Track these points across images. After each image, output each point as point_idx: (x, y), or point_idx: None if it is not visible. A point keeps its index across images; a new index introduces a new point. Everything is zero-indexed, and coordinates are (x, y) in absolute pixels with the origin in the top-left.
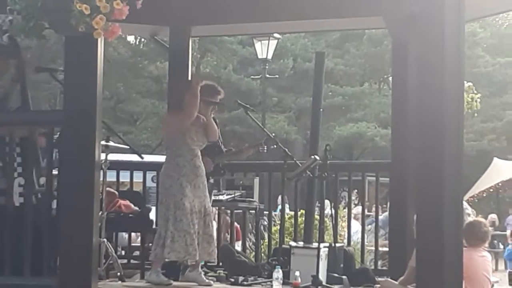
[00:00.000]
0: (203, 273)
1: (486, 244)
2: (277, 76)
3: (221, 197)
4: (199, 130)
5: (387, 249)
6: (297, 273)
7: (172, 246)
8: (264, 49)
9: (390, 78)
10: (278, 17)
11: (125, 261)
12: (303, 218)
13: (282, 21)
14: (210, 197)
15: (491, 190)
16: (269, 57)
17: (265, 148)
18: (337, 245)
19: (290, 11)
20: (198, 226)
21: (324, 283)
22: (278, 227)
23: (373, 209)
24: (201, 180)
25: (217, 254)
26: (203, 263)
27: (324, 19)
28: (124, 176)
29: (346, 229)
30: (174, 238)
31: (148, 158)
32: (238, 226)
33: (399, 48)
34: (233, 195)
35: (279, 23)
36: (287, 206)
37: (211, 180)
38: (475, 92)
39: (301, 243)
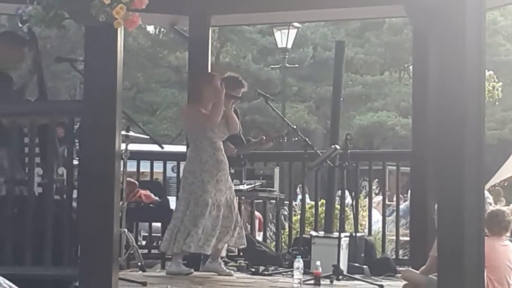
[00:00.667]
0: (223, 263)
1: (508, 233)
2: (297, 65)
3: (241, 187)
4: (221, 122)
5: (408, 238)
6: (318, 263)
7: (187, 242)
8: (284, 38)
9: (411, 67)
10: (298, 6)
11: (145, 251)
12: (324, 208)
13: (301, 10)
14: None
15: None
16: (289, 46)
17: (286, 139)
18: (358, 234)
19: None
20: (219, 220)
21: (345, 272)
22: (299, 216)
23: (394, 198)
24: (223, 173)
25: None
26: (224, 254)
27: (344, 8)
28: (145, 166)
29: (367, 219)
30: (190, 233)
31: (168, 148)
32: (261, 216)
33: (419, 36)
34: (253, 185)
35: (298, 12)
36: (307, 196)
37: (232, 170)
38: (496, 80)
39: (321, 233)
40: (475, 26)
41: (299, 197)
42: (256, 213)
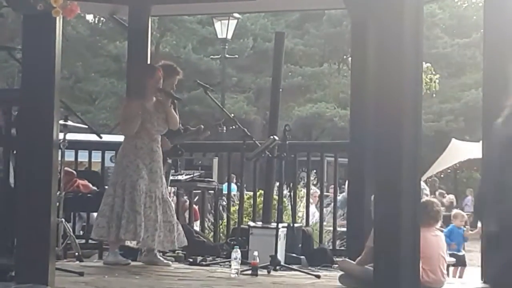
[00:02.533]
0: (159, 254)
1: (438, 225)
2: (236, 56)
3: (179, 177)
4: (160, 116)
5: (345, 229)
6: (256, 253)
7: (127, 227)
8: (224, 28)
9: (350, 59)
10: None
11: (83, 241)
12: (262, 198)
13: (242, 1)
14: (168, 178)
15: (449, 170)
16: (229, 37)
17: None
18: (296, 225)
19: None
20: (156, 213)
21: (282, 263)
22: (237, 207)
23: (332, 189)
24: (157, 165)
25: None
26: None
27: None
28: (83, 156)
29: (304, 209)
30: (130, 219)
31: (106, 138)
32: (196, 206)
33: (358, 28)
34: (192, 175)
35: (239, 2)
36: (235, 185)
37: (169, 161)
38: (434, 73)
39: (259, 223)
40: (413, 18)
41: (233, 186)
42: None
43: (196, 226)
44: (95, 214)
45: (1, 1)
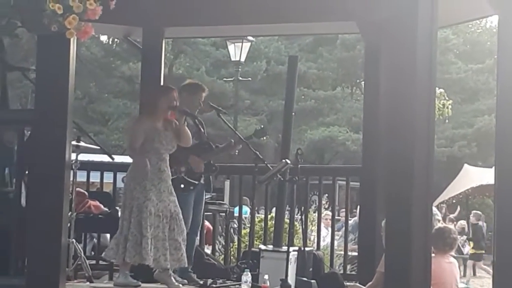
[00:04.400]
0: (172, 275)
1: (453, 252)
2: (250, 78)
3: None
4: (169, 134)
5: (356, 253)
6: (266, 277)
7: (134, 250)
8: (238, 51)
9: (363, 83)
10: (252, 20)
11: (93, 262)
12: (273, 222)
13: (255, 24)
14: (202, 199)
15: (461, 196)
16: (242, 59)
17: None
18: (307, 249)
19: (263, 14)
20: (164, 231)
21: (293, 287)
22: (248, 230)
23: (342, 213)
24: (165, 184)
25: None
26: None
27: (297, 23)
28: (95, 177)
29: (315, 233)
30: (137, 242)
31: (118, 158)
32: (211, 227)
33: (371, 53)
34: None
35: (252, 26)
36: (247, 208)
37: (202, 181)
38: (447, 98)
39: (270, 247)
40: (426, 43)
41: (245, 209)
42: (206, 223)
43: (207, 249)
44: (106, 235)
45: (16, 22)
